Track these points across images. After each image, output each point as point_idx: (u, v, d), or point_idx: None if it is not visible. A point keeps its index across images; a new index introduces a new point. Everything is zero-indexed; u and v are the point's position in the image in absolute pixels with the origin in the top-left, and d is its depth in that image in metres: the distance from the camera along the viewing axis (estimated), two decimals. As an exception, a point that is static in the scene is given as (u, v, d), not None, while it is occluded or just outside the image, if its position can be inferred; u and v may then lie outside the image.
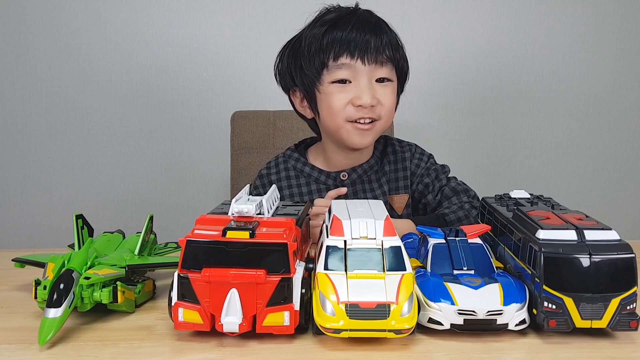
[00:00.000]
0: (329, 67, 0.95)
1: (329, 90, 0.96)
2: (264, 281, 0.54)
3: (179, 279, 0.55)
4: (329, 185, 1.05)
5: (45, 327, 0.54)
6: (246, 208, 0.60)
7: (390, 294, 0.54)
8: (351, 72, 0.95)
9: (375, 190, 1.05)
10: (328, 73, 0.95)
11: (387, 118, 0.99)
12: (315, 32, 0.96)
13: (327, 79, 0.96)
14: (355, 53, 0.94)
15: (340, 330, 0.53)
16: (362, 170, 1.06)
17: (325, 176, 1.06)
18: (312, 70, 0.96)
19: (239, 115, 1.44)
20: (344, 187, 1.02)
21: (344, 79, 0.95)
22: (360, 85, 0.95)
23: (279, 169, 1.09)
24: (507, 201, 0.74)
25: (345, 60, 0.94)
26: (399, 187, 1.07)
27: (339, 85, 0.96)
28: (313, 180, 1.06)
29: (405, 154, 1.10)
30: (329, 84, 0.96)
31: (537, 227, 0.59)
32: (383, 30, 0.97)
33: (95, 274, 0.60)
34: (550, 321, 0.55)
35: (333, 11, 0.99)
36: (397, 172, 1.07)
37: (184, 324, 0.55)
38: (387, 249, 0.58)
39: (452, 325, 0.57)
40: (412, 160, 1.09)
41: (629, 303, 0.55)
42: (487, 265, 0.63)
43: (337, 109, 0.96)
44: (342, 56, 0.94)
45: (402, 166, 1.08)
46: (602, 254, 0.55)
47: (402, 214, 1.06)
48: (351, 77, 0.95)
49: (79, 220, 0.74)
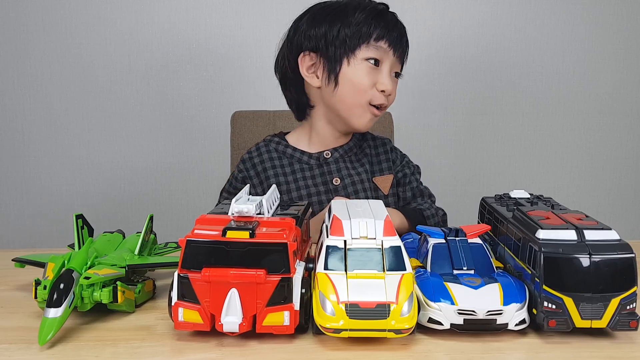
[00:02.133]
0: (369, 44, 0.98)
1: (361, 66, 0.99)
2: (264, 281, 0.54)
3: (179, 278, 0.55)
4: (311, 165, 1.06)
5: (45, 327, 0.54)
6: (246, 208, 0.60)
7: (390, 294, 0.54)
8: (383, 56, 0.99)
9: (358, 168, 1.07)
10: (366, 49, 0.98)
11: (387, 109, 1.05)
12: (366, 12, 0.99)
13: (363, 54, 0.98)
14: (393, 42, 0.99)
15: (340, 330, 0.53)
16: (343, 151, 1.08)
17: (307, 157, 1.07)
18: (351, 41, 0.98)
19: (239, 115, 1.44)
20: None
21: (377, 57, 0.99)
22: (385, 72, 1.00)
23: (261, 152, 1.09)
24: (507, 201, 0.74)
25: (383, 45, 0.99)
26: (382, 168, 1.10)
27: (371, 65, 0.99)
28: (296, 161, 1.07)
29: (386, 145, 1.14)
30: (362, 60, 0.99)
31: (537, 227, 0.59)
32: (406, 36, 1.04)
33: (95, 273, 0.60)
34: (550, 321, 0.55)
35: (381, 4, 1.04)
36: (379, 156, 1.11)
37: (184, 324, 0.55)
38: (387, 249, 0.58)
39: (452, 325, 0.57)
40: (391, 153, 1.13)
41: (629, 303, 0.55)
42: (487, 265, 0.63)
43: (363, 86, 0.99)
44: (382, 39, 0.98)
45: (384, 150, 1.12)
46: (602, 253, 0.55)
47: (388, 193, 1.08)
48: (381, 61, 1.00)
49: (79, 220, 0.74)
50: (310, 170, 1.05)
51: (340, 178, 1.05)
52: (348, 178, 1.05)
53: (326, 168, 1.06)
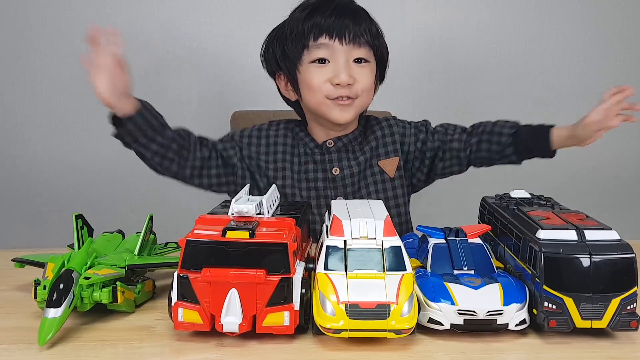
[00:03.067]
0: (309, 47, 0.99)
1: (308, 69, 1.00)
2: (264, 281, 0.54)
3: (179, 279, 0.55)
4: (315, 153, 1.08)
5: (45, 327, 0.54)
6: (246, 208, 0.60)
7: (390, 294, 0.54)
8: (329, 51, 0.98)
9: (359, 157, 1.08)
10: (308, 53, 0.99)
11: (365, 96, 1.02)
12: (297, 16, 1.01)
13: (307, 59, 1.00)
14: (334, 33, 0.98)
15: (340, 330, 0.53)
16: (347, 140, 1.08)
17: (314, 144, 1.08)
18: (293, 52, 1.01)
19: (239, 115, 1.44)
20: None
21: (322, 57, 0.99)
22: (338, 64, 0.98)
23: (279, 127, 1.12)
24: (507, 201, 0.74)
25: (324, 40, 0.98)
26: (388, 151, 1.09)
27: (317, 65, 1.00)
28: (301, 144, 1.08)
29: (390, 121, 1.13)
30: (308, 64, 1.00)
31: (537, 227, 0.59)
32: (362, 17, 1.01)
33: (95, 274, 0.60)
34: (550, 321, 0.55)
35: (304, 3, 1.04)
36: (384, 137, 1.10)
37: (183, 324, 0.55)
38: (387, 249, 0.58)
39: (452, 325, 0.57)
40: (397, 126, 1.12)
41: (629, 303, 0.55)
42: (487, 265, 0.63)
43: (316, 86, 1.00)
44: (321, 36, 0.98)
45: (390, 132, 1.11)
46: (602, 254, 0.55)
47: (394, 176, 1.08)
48: (329, 56, 0.99)
49: (79, 220, 0.74)
50: (312, 156, 1.08)
51: (340, 168, 1.06)
52: (347, 169, 1.06)
53: (327, 157, 1.08)
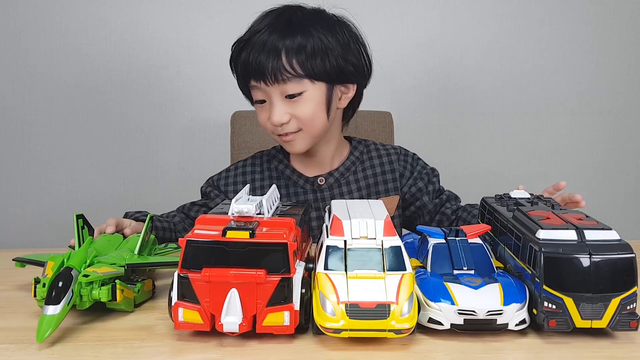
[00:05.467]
0: (251, 87, 0.98)
1: (256, 107, 1.01)
2: (264, 281, 0.54)
3: (179, 278, 0.55)
4: (306, 189, 1.06)
5: (43, 324, 0.54)
6: (246, 208, 0.60)
7: (390, 294, 0.54)
8: (262, 92, 0.96)
9: (354, 193, 1.05)
10: (252, 92, 0.98)
11: (311, 124, 0.97)
12: (233, 53, 1.00)
13: (253, 97, 0.99)
14: (257, 76, 0.94)
15: (340, 330, 0.53)
16: (339, 174, 1.06)
17: (304, 180, 1.06)
18: (244, 89, 1.01)
19: (239, 115, 1.44)
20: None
21: (260, 99, 0.98)
22: (272, 105, 0.96)
23: (263, 168, 1.10)
24: (507, 201, 0.74)
25: (254, 83, 0.96)
26: (388, 189, 1.06)
27: (259, 105, 0.99)
28: (292, 184, 1.06)
29: (392, 156, 1.10)
30: (255, 102, 1.00)
31: (537, 227, 0.59)
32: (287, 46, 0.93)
33: (94, 272, 0.60)
34: (550, 321, 0.55)
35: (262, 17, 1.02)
36: (384, 174, 1.07)
37: (184, 324, 0.55)
38: (387, 249, 0.58)
39: (452, 325, 0.57)
40: (399, 162, 1.09)
41: (629, 303, 0.55)
42: (487, 265, 0.63)
43: (262, 124, 1.00)
44: (250, 80, 0.96)
45: (390, 168, 1.08)
46: (602, 253, 0.55)
47: (393, 215, 1.05)
48: (265, 97, 0.96)
49: (80, 220, 0.74)
50: (304, 195, 1.05)
51: None
52: None
53: (319, 195, 1.05)
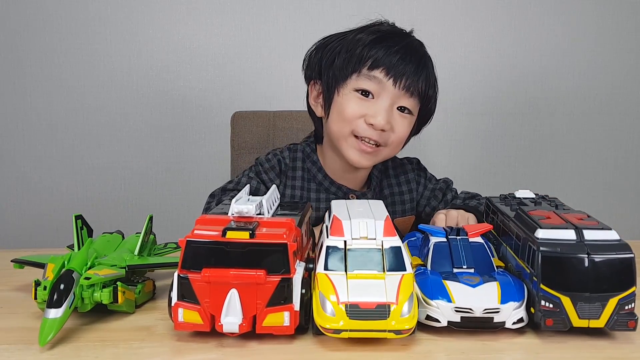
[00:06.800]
0: (360, 74, 0.91)
1: (348, 96, 0.92)
2: (264, 281, 0.54)
3: (179, 279, 0.55)
4: (339, 197, 1.02)
5: (45, 327, 0.54)
6: (246, 208, 0.60)
7: (390, 295, 0.54)
8: (378, 87, 0.91)
9: None
10: (357, 79, 0.91)
11: (394, 147, 0.95)
12: (363, 37, 0.93)
13: (353, 84, 0.92)
14: (392, 72, 0.90)
15: (340, 330, 0.53)
16: (371, 195, 1.04)
17: (336, 187, 1.02)
18: (342, 71, 0.92)
19: (239, 115, 1.44)
20: None
21: (368, 90, 0.91)
22: (380, 105, 0.91)
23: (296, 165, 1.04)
24: (511, 201, 0.74)
25: (379, 75, 0.90)
26: (405, 209, 1.05)
27: (359, 96, 0.92)
28: (323, 189, 1.02)
29: (409, 174, 1.08)
30: (351, 90, 0.92)
31: (536, 226, 0.59)
32: (425, 66, 0.94)
33: (95, 274, 0.60)
34: (547, 320, 0.55)
35: (388, 26, 0.97)
36: (402, 195, 1.06)
37: (183, 325, 0.55)
38: (387, 249, 0.58)
39: (449, 322, 0.57)
40: (416, 181, 1.08)
41: (628, 303, 0.55)
42: (487, 264, 0.64)
43: (348, 117, 0.92)
44: (378, 69, 0.90)
45: (408, 188, 1.06)
46: (600, 253, 0.55)
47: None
48: (376, 92, 0.91)
49: (79, 221, 0.74)
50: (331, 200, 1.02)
51: None
52: None
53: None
